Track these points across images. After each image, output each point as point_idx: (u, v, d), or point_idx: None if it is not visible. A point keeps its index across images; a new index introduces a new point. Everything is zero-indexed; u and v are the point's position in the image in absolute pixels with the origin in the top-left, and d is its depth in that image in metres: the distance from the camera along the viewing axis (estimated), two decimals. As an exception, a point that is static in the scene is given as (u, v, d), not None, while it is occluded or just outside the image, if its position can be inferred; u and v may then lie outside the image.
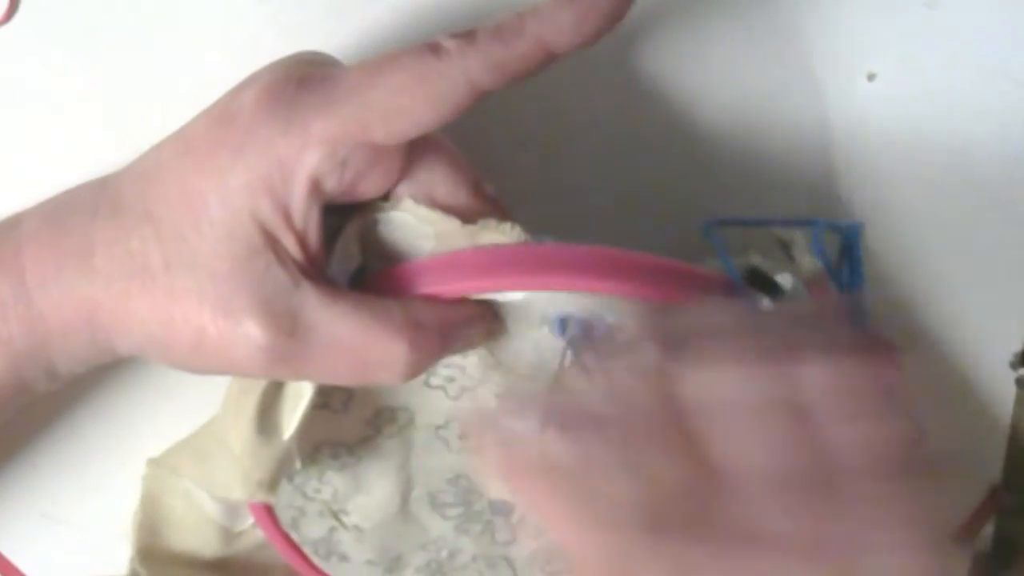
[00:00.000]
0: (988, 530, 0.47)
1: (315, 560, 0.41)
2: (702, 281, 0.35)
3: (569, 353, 0.36)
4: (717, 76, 0.43)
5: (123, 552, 0.42)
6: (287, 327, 0.34)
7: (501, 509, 0.39)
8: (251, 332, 0.33)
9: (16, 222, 0.36)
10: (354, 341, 0.34)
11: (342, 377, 0.35)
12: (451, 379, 0.37)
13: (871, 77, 0.43)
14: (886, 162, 0.43)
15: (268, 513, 0.40)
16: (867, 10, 0.43)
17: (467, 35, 0.33)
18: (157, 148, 0.36)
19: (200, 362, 0.35)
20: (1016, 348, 0.45)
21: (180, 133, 0.35)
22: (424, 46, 0.33)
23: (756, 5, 0.43)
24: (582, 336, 0.36)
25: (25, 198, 0.38)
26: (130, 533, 0.42)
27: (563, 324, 0.36)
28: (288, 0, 0.43)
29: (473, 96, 0.33)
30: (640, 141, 0.43)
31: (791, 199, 0.43)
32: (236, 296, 0.33)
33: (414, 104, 0.33)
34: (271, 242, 0.34)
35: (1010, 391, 0.46)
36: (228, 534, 0.42)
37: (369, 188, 0.35)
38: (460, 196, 0.36)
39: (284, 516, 0.40)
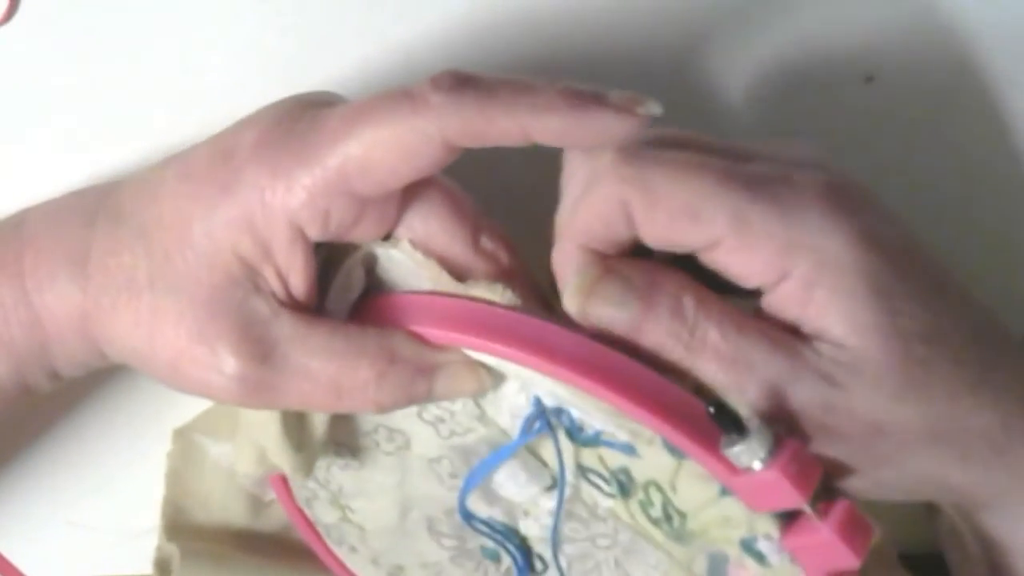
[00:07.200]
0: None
1: (328, 543, 0.41)
2: (675, 400, 0.33)
3: (537, 428, 0.35)
4: (717, 76, 0.43)
5: (129, 552, 0.42)
6: (259, 355, 0.34)
7: (492, 555, 0.39)
8: (224, 360, 0.34)
9: (20, 221, 0.37)
10: (325, 368, 0.34)
11: (317, 404, 0.35)
12: (441, 419, 0.37)
13: (871, 77, 0.43)
14: (885, 162, 0.43)
15: (285, 487, 0.40)
16: (867, 10, 0.43)
17: (454, 88, 0.32)
18: (162, 166, 0.36)
19: (178, 383, 0.35)
20: (1015, 347, 0.45)
21: (185, 157, 0.35)
22: (404, 96, 0.32)
23: (756, 5, 0.43)
24: (552, 418, 0.35)
25: (25, 198, 0.38)
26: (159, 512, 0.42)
27: (537, 402, 0.35)
28: (288, 0, 0.43)
29: (451, 154, 0.33)
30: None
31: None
32: (212, 323, 0.34)
33: (390, 159, 0.32)
34: (251, 274, 0.34)
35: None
36: (257, 503, 0.42)
37: (363, 234, 0.35)
38: (456, 249, 0.36)
39: (300, 494, 0.40)
